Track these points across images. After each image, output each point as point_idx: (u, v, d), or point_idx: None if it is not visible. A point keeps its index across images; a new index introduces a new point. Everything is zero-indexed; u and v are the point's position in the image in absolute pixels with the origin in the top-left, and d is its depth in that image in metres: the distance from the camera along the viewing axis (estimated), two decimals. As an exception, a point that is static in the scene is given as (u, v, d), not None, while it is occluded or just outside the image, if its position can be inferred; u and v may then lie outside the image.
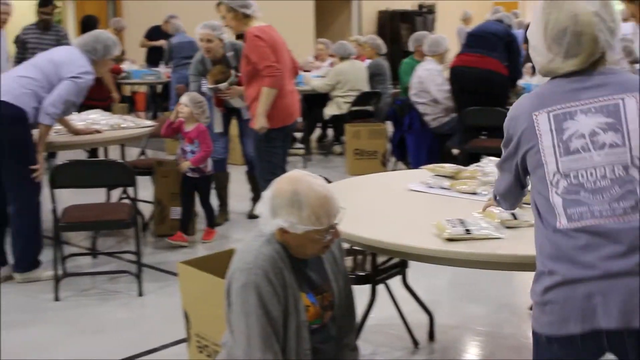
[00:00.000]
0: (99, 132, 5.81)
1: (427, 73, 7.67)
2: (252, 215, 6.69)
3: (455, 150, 7.71)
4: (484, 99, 7.11)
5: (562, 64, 2.24)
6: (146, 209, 6.51)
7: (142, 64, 12.22)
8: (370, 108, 9.46)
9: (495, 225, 2.95)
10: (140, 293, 4.96)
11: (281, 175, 2.61)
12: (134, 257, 5.17)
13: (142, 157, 8.41)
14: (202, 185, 6.01)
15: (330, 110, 9.48)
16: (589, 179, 2.15)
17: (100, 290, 5.09)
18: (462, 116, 7.26)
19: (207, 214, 6.15)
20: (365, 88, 9.44)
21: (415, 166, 6.64)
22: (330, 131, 10.82)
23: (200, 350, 3.56)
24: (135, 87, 12.71)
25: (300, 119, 6.37)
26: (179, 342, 4.12)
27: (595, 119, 2.17)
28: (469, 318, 4.59)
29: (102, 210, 5.29)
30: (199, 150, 5.80)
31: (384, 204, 3.56)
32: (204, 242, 6.06)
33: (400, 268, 4.06)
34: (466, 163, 4.27)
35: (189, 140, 5.82)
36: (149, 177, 6.30)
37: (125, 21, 12.72)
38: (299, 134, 9.76)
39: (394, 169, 8.25)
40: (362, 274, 3.81)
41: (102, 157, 7.11)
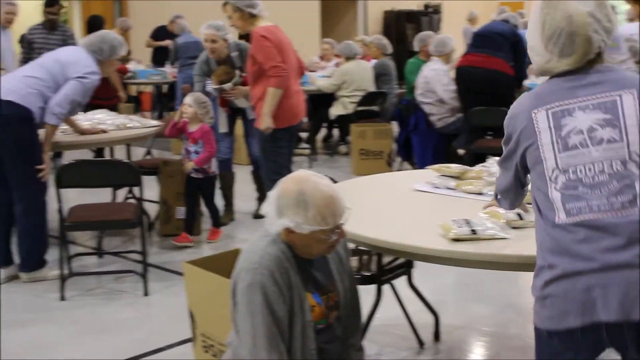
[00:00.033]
0: (104, 131, 5.82)
1: (433, 73, 7.66)
2: (257, 215, 6.70)
3: (461, 151, 7.70)
4: (489, 99, 7.10)
5: (557, 63, 2.28)
6: (152, 209, 6.51)
7: (148, 64, 12.23)
8: (375, 108, 9.46)
9: (501, 225, 2.95)
10: (146, 293, 4.97)
11: (287, 175, 2.61)
12: (139, 257, 5.18)
13: (148, 157, 8.39)
14: (206, 186, 6.00)
15: (335, 110, 9.48)
16: (587, 174, 2.18)
17: (106, 289, 5.10)
18: (468, 116, 7.26)
19: (211, 215, 6.16)
20: (371, 88, 9.44)
21: (421, 166, 6.63)
22: (335, 131, 10.82)
23: (205, 350, 3.57)
24: (141, 87, 12.72)
25: (305, 119, 6.37)
26: (185, 341, 4.13)
27: (593, 115, 2.20)
28: (475, 318, 4.59)
29: (107, 210, 5.30)
30: (203, 151, 5.80)
31: (390, 204, 3.56)
32: (210, 242, 6.06)
33: (406, 268, 4.05)
34: (472, 163, 4.27)
35: (193, 141, 5.82)
36: (154, 177, 6.31)
37: (131, 21, 12.73)
38: (304, 134, 9.76)
39: (399, 169, 8.24)
40: (367, 274, 3.81)
41: (108, 157, 7.13)
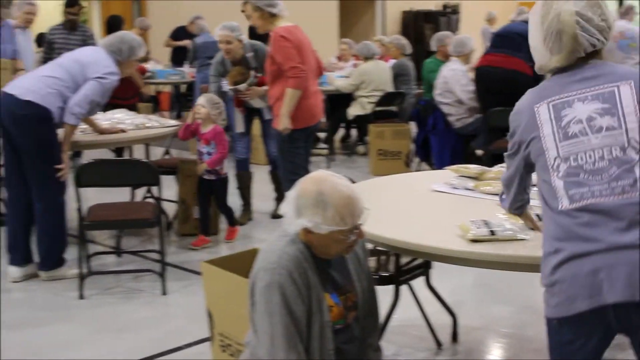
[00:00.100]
0: (123, 131, 5.83)
1: (452, 73, 7.64)
2: (275, 215, 6.70)
3: (480, 151, 7.68)
4: (508, 100, 6.98)
5: (549, 61, 2.40)
6: (170, 208, 6.53)
7: (166, 63, 12.27)
8: (394, 108, 9.45)
9: (520, 226, 2.93)
10: (164, 292, 4.98)
11: (304, 175, 2.61)
12: (157, 256, 5.20)
13: (167, 156, 8.45)
14: (218, 187, 5.96)
15: (354, 111, 9.48)
16: (588, 160, 2.26)
17: (125, 288, 5.12)
18: (487, 117, 7.23)
19: (226, 216, 6.14)
20: (389, 88, 9.43)
21: (439, 167, 6.62)
22: (354, 131, 10.82)
23: (223, 349, 3.57)
24: (160, 87, 12.77)
25: (323, 119, 6.37)
26: (203, 341, 4.14)
27: (592, 105, 2.29)
28: (493, 319, 4.58)
29: (126, 210, 5.31)
30: (215, 152, 5.79)
31: (408, 205, 3.55)
32: (228, 242, 6.07)
33: (424, 269, 4.05)
34: (490, 164, 4.26)
35: (206, 142, 5.81)
36: (173, 177, 6.32)
37: (149, 21, 12.79)
38: (322, 134, 9.76)
39: (417, 170, 8.23)
40: (385, 275, 3.81)
41: (127, 157, 7.15)
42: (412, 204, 3.56)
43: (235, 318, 3.39)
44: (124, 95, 7.68)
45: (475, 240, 2.84)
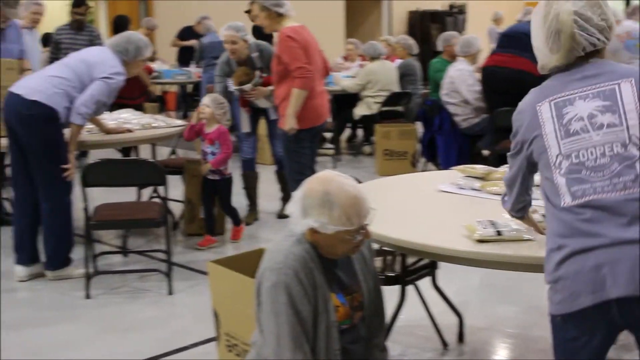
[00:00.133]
0: (130, 131, 5.84)
1: (459, 73, 7.63)
2: (281, 215, 6.71)
3: (486, 151, 7.66)
4: (515, 100, 6.97)
5: (549, 60, 2.44)
6: (176, 208, 6.54)
7: (173, 63, 12.28)
8: (400, 108, 9.45)
9: (526, 226, 2.93)
10: (170, 292, 4.99)
11: (310, 175, 2.61)
12: (164, 256, 5.21)
13: (173, 156, 8.46)
14: (222, 187, 5.95)
15: (360, 111, 9.48)
16: (590, 157, 2.28)
17: (131, 288, 5.12)
18: (493, 117, 7.22)
19: (230, 216, 6.12)
20: (396, 88, 9.43)
21: (445, 167, 6.61)
22: (360, 131, 10.82)
23: (229, 349, 3.57)
24: (166, 87, 12.78)
25: (329, 119, 6.36)
26: (209, 340, 4.14)
27: (593, 103, 2.31)
28: (499, 320, 4.57)
29: (133, 209, 5.32)
30: (220, 152, 5.78)
31: (414, 205, 3.55)
32: (233, 242, 6.07)
33: (430, 269, 4.04)
34: (497, 164, 4.25)
35: (210, 142, 5.80)
36: (179, 177, 6.33)
37: (156, 21, 12.80)
38: (328, 134, 9.76)
39: (423, 170, 8.22)
40: (391, 275, 3.80)
41: (133, 156, 7.16)
42: (418, 204, 3.56)
43: (241, 318, 3.39)
44: (130, 95, 7.68)
45: (481, 241, 2.84)
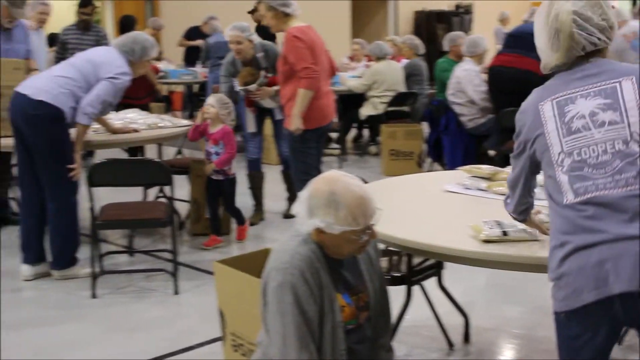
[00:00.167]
0: (136, 131, 5.84)
1: (465, 73, 7.63)
2: (287, 215, 6.70)
3: (492, 152, 7.66)
4: (521, 100, 7.00)
5: (550, 60, 2.47)
6: (182, 208, 6.55)
7: (179, 63, 12.28)
8: (406, 108, 9.44)
9: (533, 227, 2.93)
10: (176, 291, 4.99)
11: (316, 175, 2.62)
12: (170, 256, 5.21)
13: (179, 156, 8.46)
14: (226, 187, 5.94)
15: (366, 111, 9.47)
16: (592, 154, 2.30)
17: (137, 288, 5.13)
18: (499, 117, 7.21)
19: (234, 216, 6.11)
20: (402, 88, 9.42)
21: (452, 167, 6.61)
22: (366, 131, 10.82)
23: (235, 349, 3.58)
24: (172, 87, 12.79)
25: (335, 119, 6.35)
26: (214, 340, 4.14)
27: (594, 101, 2.33)
28: (505, 320, 4.57)
29: (139, 209, 5.32)
30: (224, 152, 5.78)
31: (420, 205, 3.55)
32: (239, 242, 6.06)
33: (436, 269, 4.04)
34: (503, 164, 4.25)
35: (214, 142, 5.79)
36: (185, 177, 6.34)
37: (162, 20, 12.80)
38: (334, 134, 9.76)
39: (429, 170, 8.21)
40: (397, 275, 3.80)
41: (139, 156, 7.17)
42: (424, 205, 3.56)
43: (247, 318, 3.39)
44: (136, 95, 7.69)
45: (487, 241, 2.84)
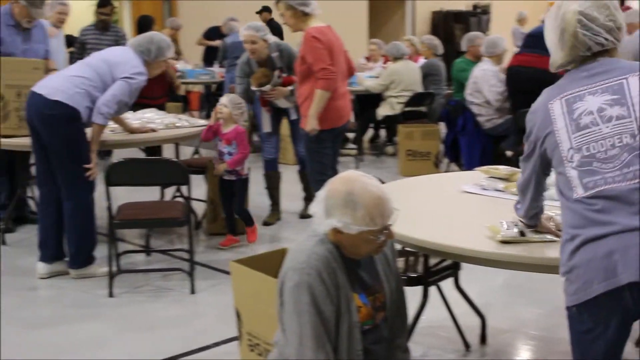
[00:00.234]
0: (154, 130, 5.86)
1: (482, 73, 7.60)
2: (304, 215, 6.70)
3: (509, 152, 7.63)
4: (539, 100, 7.00)
5: (556, 57, 2.52)
6: (199, 208, 6.56)
7: (197, 63, 12.32)
8: (423, 109, 9.43)
9: (550, 228, 2.92)
10: (193, 291, 5.00)
11: (332, 175, 2.62)
12: (186, 255, 5.22)
13: (196, 156, 8.47)
14: (238, 188, 5.90)
15: (383, 111, 9.47)
16: (600, 149, 2.34)
17: (154, 287, 5.14)
18: (517, 117, 7.18)
19: (242, 218, 5.98)
20: (419, 89, 9.41)
21: (468, 168, 6.60)
22: (383, 132, 10.81)
23: (251, 348, 3.58)
24: (190, 87, 12.83)
25: (352, 119, 6.34)
26: (231, 340, 4.15)
27: (602, 97, 2.39)
28: (522, 321, 4.55)
29: (156, 209, 5.34)
30: (236, 152, 5.74)
31: (437, 206, 3.54)
32: (251, 244, 6.00)
33: (453, 270, 4.03)
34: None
35: (227, 142, 5.76)
36: (202, 176, 6.35)
37: (180, 20, 12.83)
38: (351, 134, 9.75)
39: (446, 171, 8.19)
40: (414, 276, 3.80)
41: (156, 156, 7.18)
42: (441, 205, 3.55)
43: (263, 317, 3.39)
44: (152, 95, 7.70)
45: (504, 242, 2.83)
